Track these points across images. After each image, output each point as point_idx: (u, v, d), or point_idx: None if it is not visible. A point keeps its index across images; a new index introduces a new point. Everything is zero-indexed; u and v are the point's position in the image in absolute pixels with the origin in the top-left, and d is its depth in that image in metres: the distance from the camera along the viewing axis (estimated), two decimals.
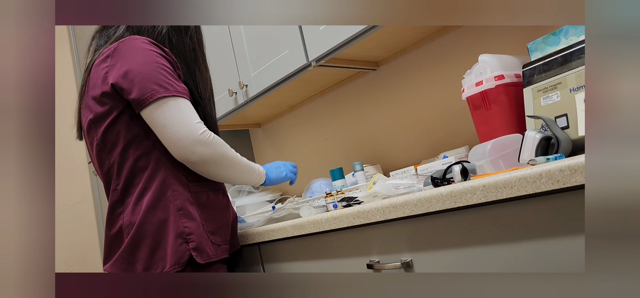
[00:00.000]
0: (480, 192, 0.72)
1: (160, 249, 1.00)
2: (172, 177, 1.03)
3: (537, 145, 0.88)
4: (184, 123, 1.00)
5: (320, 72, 1.61)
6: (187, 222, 1.02)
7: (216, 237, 1.07)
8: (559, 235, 0.67)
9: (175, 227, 1.01)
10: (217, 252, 1.06)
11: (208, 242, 1.05)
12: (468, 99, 1.11)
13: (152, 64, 1.00)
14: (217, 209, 1.10)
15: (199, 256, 1.02)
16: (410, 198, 0.83)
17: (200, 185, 1.08)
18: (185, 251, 1.00)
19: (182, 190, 1.04)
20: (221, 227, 1.10)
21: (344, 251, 0.99)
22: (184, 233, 1.01)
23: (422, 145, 1.62)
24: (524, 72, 1.01)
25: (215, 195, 1.11)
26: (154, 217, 1.01)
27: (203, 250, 1.03)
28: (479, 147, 0.98)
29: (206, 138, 1.01)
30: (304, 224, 1.04)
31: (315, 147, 2.02)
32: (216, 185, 1.13)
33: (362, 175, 1.56)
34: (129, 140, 1.03)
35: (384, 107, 1.72)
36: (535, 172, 0.66)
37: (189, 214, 1.03)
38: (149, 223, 1.00)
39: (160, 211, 1.01)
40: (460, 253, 0.79)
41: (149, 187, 1.02)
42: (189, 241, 1.01)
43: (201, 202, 1.07)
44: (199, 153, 1.00)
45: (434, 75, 1.54)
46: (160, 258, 1.00)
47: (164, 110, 0.99)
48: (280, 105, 1.97)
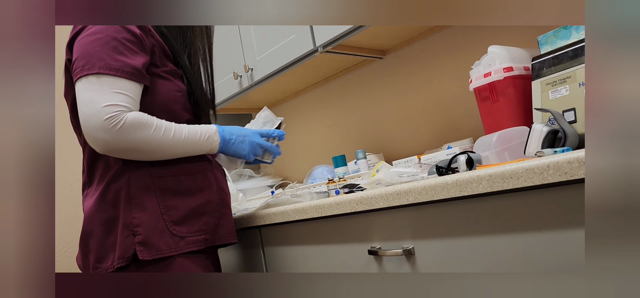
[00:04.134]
0: (486, 182, 0.72)
1: (110, 242, 0.94)
2: (132, 161, 0.95)
3: (544, 138, 0.87)
4: (91, 103, 0.86)
5: (326, 59, 1.60)
6: (137, 212, 0.93)
7: (180, 228, 0.96)
8: (564, 228, 0.67)
9: (124, 217, 0.93)
10: (179, 246, 0.95)
11: (165, 234, 0.94)
12: (475, 89, 1.10)
13: (102, 37, 0.89)
14: (189, 195, 0.99)
15: (145, 251, 0.91)
16: (415, 185, 0.82)
17: (169, 168, 0.98)
18: (131, 245, 0.92)
19: (141, 174, 0.95)
20: (192, 215, 0.98)
21: (346, 237, 0.99)
22: (132, 224, 0.92)
23: (425, 136, 1.61)
24: (533, 65, 1.00)
25: (190, 179, 1.00)
26: (104, 206, 0.95)
27: (152, 244, 0.92)
28: (484, 138, 0.98)
29: (111, 124, 0.86)
30: (306, 209, 1.04)
31: (318, 134, 2.02)
32: (193, 168, 1.01)
33: (365, 163, 1.55)
34: None
35: (388, 96, 1.71)
36: (542, 164, 0.65)
37: (140, 203, 0.93)
38: (100, 212, 0.94)
39: (110, 201, 0.94)
40: (463, 243, 0.79)
41: (105, 173, 0.96)
42: (135, 234, 0.92)
43: (165, 186, 0.96)
44: (101, 141, 0.87)
45: (440, 67, 1.53)
46: (111, 251, 0.93)
47: (80, 89, 0.88)
48: (284, 90, 1.97)
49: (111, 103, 0.87)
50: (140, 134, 0.90)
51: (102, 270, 0.94)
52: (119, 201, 0.94)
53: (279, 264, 1.17)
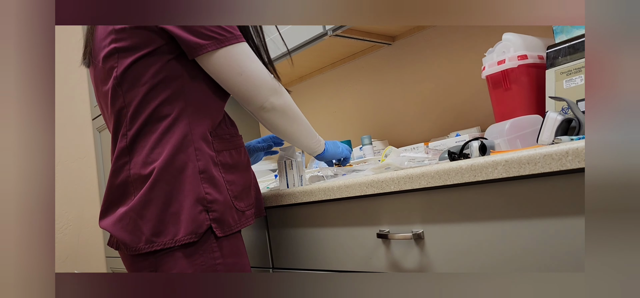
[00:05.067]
0: (501, 167, 0.72)
1: (173, 213, 0.88)
2: (196, 131, 0.92)
3: (558, 127, 0.87)
4: (260, 71, 0.96)
5: (335, 43, 1.59)
6: (209, 188, 0.91)
7: (240, 202, 0.96)
8: (581, 215, 0.66)
9: (196, 190, 0.89)
10: (241, 220, 0.96)
11: (232, 210, 0.94)
12: (488, 77, 1.09)
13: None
14: (240, 169, 0.99)
15: (219, 228, 0.91)
16: (428, 169, 0.82)
17: (223, 142, 0.98)
18: (204, 220, 0.89)
19: (206, 148, 0.93)
20: (245, 189, 0.99)
21: (354, 220, 0.99)
22: (206, 200, 0.90)
23: (431, 124, 1.60)
24: (548, 53, 0.99)
25: (237, 153, 1.00)
26: (170, 175, 0.89)
27: (225, 221, 0.92)
28: (496, 125, 0.97)
29: (279, 87, 0.99)
30: (314, 191, 1.04)
31: (323, 120, 2.01)
32: (237, 141, 1.02)
33: (370, 149, 1.55)
34: (158, 81, 0.91)
35: (395, 83, 1.70)
36: (561, 150, 0.65)
37: (212, 178, 0.92)
38: (164, 182, 0.89)
39: (178, 169, 0.89)
40: (474, 228, 0.79)
41: (167, 138, 0.90)
42: (209, 210, 0.90)
43: (225, 161, 0.96)
44: (271, 103, 0.98)
45: (449, 54, 1.52)
46: (172, 223, 0.88)
47: (237, 57, 0.93)
48: (289, 74, 1.95)
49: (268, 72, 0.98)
50: (293, 101, 1.03)
51: (159, 245, 0.88)
52: (183, 173, 0.90)
53: (285, 247, 1.17)
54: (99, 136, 2.61)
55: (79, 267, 2.52)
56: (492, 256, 0.77)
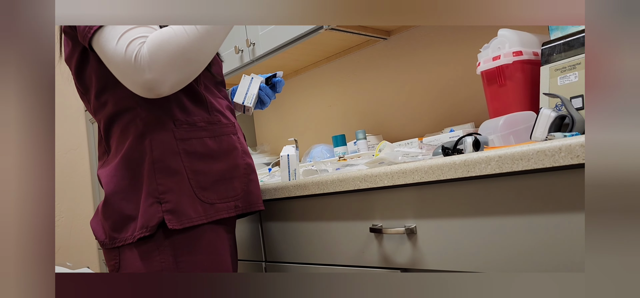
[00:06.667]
0: (495, 163, 0.72)
1: (132, 208, 0.88)
2: (152, 123, 0.88)
3: (551, 123, 0.87)
4: (116, 53, 0.79)
5: (330, 36, 1.58)
6: (162, 178, 0.87)
7: (208, 194, 0.90)
8: (573, 211, 0.67)
9: (148, 184, 0.87)
10: (208, 213, 0.89)
11: (195, 201, 0.88)
12: (482, 73, 1.09)
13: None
14: (217, 158, 0.93)
15: (175, 219, 0.86)
16: (421, 164, 0.82)
17: (193, 130, 0.91)
18: (156, 212, 0.85)
19: (165, 137, 0.88)
20: (222, 180, 0.92)
21: (347, 214, 0.99)
22: (157, 191, 0.86)
23: (426, 119, 1.60)
24: (543, 50, 0.99)
25: (217, 142, 0.93)
26: (123, 172, 0.88)
27: (183, 212, 0.86)
28: (490, 121, 0.97)
29: (141, 61, 0.78)
30: (307, 184, 1.03)
31: (318, 114, 2.00)
32: (218, 129, 0.94)
33: (364, 144, 1.55)
34: (102, 85, 0.90)
35: (390, 78, 1.70)
36: (554, 146, 0.65)
37: (166, 168, 0.87)
38: (120, 179, 0.88)
39: (135, 163, 0.88)
40: (467, 223, 0.79)
41: (124, 137, 0.90)
42: (162, 201, 0.86)
43: (193, 150, 0.90)
44: (142, 83, 0.79)
45: (444, 50, 1.52)
46: (132, 219, 0.88)
47: (102, 46, 0.81)
48: (284, 67, 1.94)
49: (129, 40, 0.79)
50: (168, 45, 0.79)
51: (120, 241, 0.88)
52: (141, 166, 0.88)
53: (278, 241, 1.17)
54: (92, 127, 2.60)
55: (70, 260, 2.50)
56: (484, 251, 0.77)
